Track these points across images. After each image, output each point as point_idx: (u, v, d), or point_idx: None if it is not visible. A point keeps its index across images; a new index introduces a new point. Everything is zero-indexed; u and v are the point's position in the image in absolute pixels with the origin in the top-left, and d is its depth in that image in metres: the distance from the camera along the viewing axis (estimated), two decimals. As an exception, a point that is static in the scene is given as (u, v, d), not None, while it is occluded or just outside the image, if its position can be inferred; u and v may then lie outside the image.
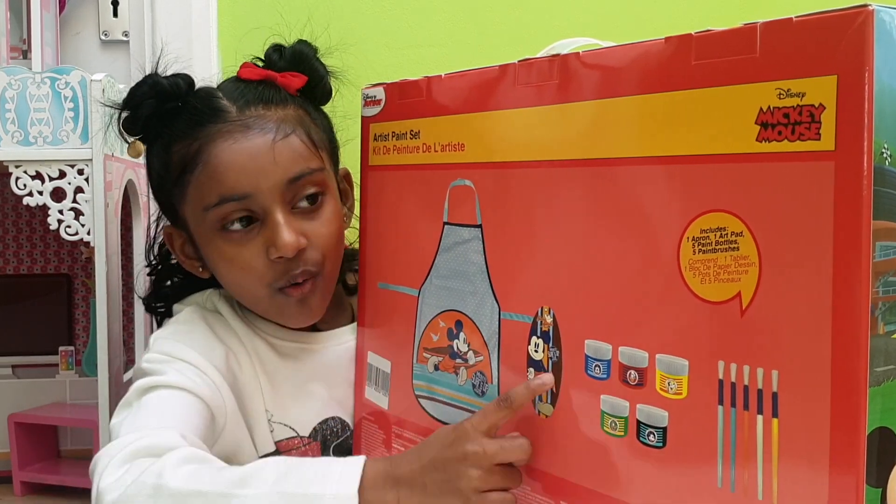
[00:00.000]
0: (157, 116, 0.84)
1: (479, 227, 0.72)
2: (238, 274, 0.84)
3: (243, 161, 0.80)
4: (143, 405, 0.78)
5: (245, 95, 0.84)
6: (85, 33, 1.41)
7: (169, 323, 0.90)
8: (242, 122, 0.82)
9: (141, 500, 0.67)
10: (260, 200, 0.81)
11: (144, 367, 0.83)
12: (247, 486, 0.66)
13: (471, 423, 0.67)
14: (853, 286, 0.48)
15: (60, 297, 1.42)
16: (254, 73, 0.86)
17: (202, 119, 0.82)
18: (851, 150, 0.48)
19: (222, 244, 0.83)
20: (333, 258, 0.86)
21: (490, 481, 0.65)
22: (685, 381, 0.57)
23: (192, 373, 0.82)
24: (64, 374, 1.38)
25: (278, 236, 0.80)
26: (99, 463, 0.72)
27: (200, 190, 0.82)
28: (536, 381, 0.66)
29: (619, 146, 0.61)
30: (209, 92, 0.85)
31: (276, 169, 0.81)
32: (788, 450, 0.52)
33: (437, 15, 1.36)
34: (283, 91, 0.86)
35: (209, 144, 0.81)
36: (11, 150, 1.08)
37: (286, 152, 0.81)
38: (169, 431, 0.74)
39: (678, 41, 0.57)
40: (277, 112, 0.83)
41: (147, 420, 0.76)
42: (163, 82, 0.83)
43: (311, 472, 0.68)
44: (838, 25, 0.48)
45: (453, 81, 0.75)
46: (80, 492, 1.22)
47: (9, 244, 1.42)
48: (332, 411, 0.90)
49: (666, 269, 0.57)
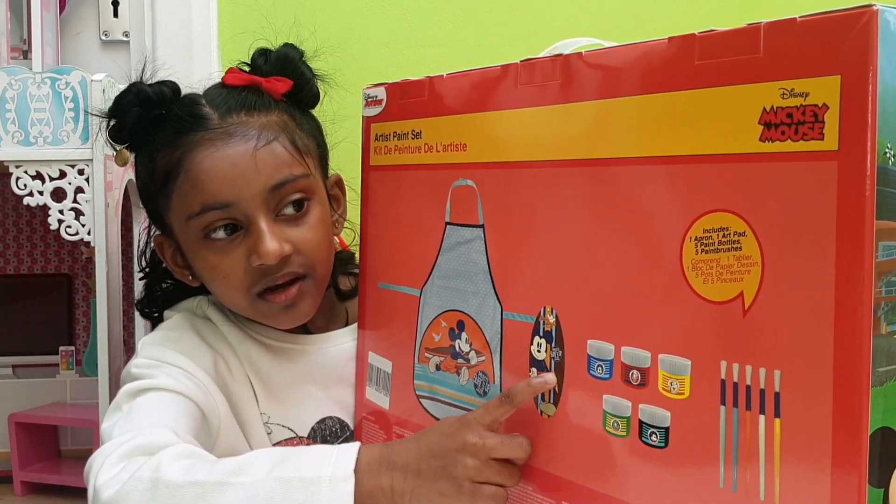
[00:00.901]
0: (142, 125, 0.84)
1: (481, 227, 0.72)
2: (221, 282, 0.83)
3: (224, 169, 0.80)
4: (134, 407, 0.78)
5: (227, 102, 0.83)
6: (85, 33, 1.41)
7: (158, 329, 0.90)
8: (224, 129, 0.81)
9: (138, 495, 0.67)
10: (242, 208, 0.80)
11: (133, 371, 0.83)
12: (242, 474, 0.67)
13: (473, 416, 0.67)
14: (856, 286, 0.48)
15: (61, 297, 1.42)
16: (238, 78, 0.86)
17: (184, 127, 0.81)
18: (855, 150, 0.48)
19: (206, 253, 0.82)
20: (323, 261, 0.85)
21: (485, 474, 0.65)
22: (688, 381, 0.57)
23: (181, 376, 0.82)
24: (64, 374, 1.38)
25: (261, 244, 0.80)
26: (94, 464, 0.72)
27: (183, 199, 0.82)
28: (538, 378, 0.65)
29: (622, 146, 0.61)
30: (193, 99, 0.84)
31: (258, 176, 0.80)
32: (790, 450, 0.52)
33: (437, 15, 1.36)
34: (267, 96, 0.85)
35: (191, 153, 0.81)
36: (12, 150, 1.08)
37: (268, 159, 0.81)
38: (162, 430, 0.74)
39: (681, 41, 0.57)
40: (260, 118, 0.83)
41: (139, 421, 0.76)
42: (147, 90, 0.83)
43: (306, 457, 0.68)
44: (842, 25, 0.48)
45: (455, 81, 0.75)
46: (81, 492, 1.21)
47: (9, 244, 1.42)
48: (330, 411, 0.90)
49: (668, 268, 0.57)
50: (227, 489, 0.66)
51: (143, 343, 0.87)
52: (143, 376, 0.81)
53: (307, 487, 0.66)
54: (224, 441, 0.84)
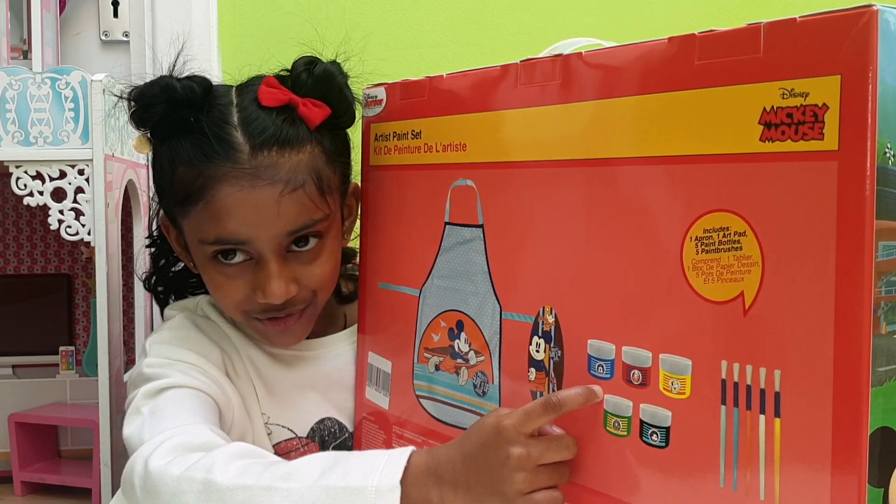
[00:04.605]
0: (166, 122, 0.80)
1: (480, 227, 0.72)
2: (222, 299, 0.84)
3: (246, 211, 0.77)
4: (157, 408, 0.77)
5: (262, 132, 0.78)
6: (85, 33, 1.41)
7: (163, 328, 0.90)
8: (252, 170, 0.77)
9: (192, 496, 0.67)
10: (257, 246, 0.79)
11: (146, 371, 0.82)
12: (291, 480, 0.66)
13: (512, 423, 0.63)
14: (856, 286, 0.48)
15: (61, 297, 1.42)
16: (274, 98, 0.79)
17: (211, 153, 0.77)
18: (855, 150, 0.48)
19: (213, 273, 0.82)
20: (326, 290, 0.85)
21: (536, 482, 0.63)
22: (688, 381, 0.57)
23: (195, 372, 0.82)
24: (64, 374, 1.38)
25: (268, 285, 0.79)
26: (135, 467, 0.71)
27: (200, 224, 0.80)
28: (589, 388, 0.62)
29: (622, 146, 0.61)
30: (223, 116, 0.79)
31: (277, 222, 0.78)
32: (791, 450, 0.52)
33: (437, 15, 1.36)
34: (301, 127, 0.80)
35: (214, 185, 0.77)
36: (12, 150, 1.08)
37: (292, 207, 0.78)
38: (198, 426, 0.74)
39: (681, 41, 0.57)
40: (291, 158, 0.78)
41: (168, 421, 0.75)
42: (176, 87, 0.78)
43: (354, 464, 0.67)
44: (842, 25, 0.48)
45: (455, 81, 0.75)
46: (81, 492, 1.22)
47: (9, 244, 1.42)
48: (328, 413, 0.90)
49: (669, 268, 0.57)
50: (274, 495, 0.65)
51: (151, 343, 0.87)
52: (157, 376, 0.81)
53: (352, 498, 0.64)
54: (235, 434, 0.84)
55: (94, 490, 1.18)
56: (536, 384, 0.68)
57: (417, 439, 0.79)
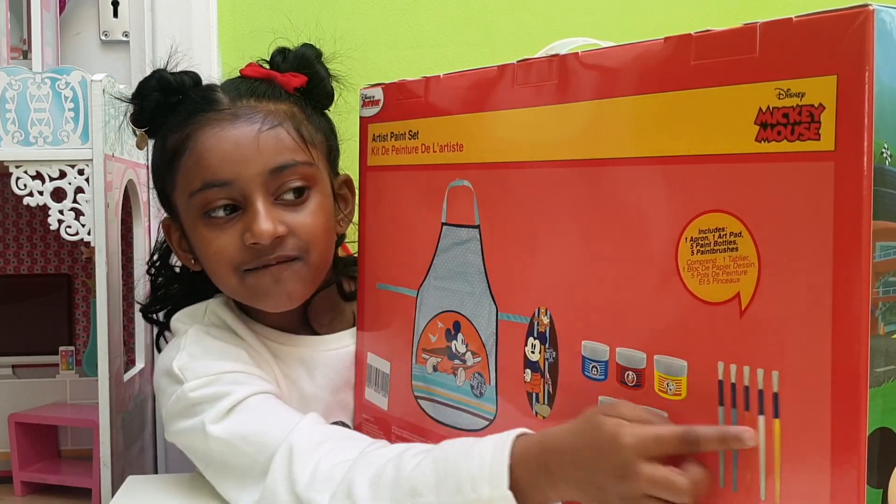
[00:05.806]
0: (160, 110, 0.86)
1: (476, 228, 0.72)
2: (213, 259, 0.84)
3: (227, 148, 0.82)
4: (241, 424, 0.78)
5: (239, 88, 0.86)
6: (85, 33, 1.41)
7: (180, 346, 0.86)
8: (232, 111, 0.83)
9: None
10: (241, 187, 0.81)
11: (193, 396, 0.80)
12: (417, 496, 0.66)
13: (636, 443, 0.56)
14: (853, 286, 0.48)
15: (60, 297, 1.42)
16: (256, 71, 0.88)
17: (195, 108, 0.84)
18: (851, 150, 0.48)
19: (203, 230, 0.84)
20: (319, 246, 0.85)
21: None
22: (684, 382, 0.57)
23: (244, 377, 0.82)
24: (64, 374, 1.38)
25: (255, 223, 0.81)
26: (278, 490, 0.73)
27: (187, 176, 0.83)
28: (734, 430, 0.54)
29: (618, 146, 0.61)
30: (208, 86, 0.87)
31: (259, 157, 0.82)
32: (790, 450, 0.52)
33: (437, 15, 1.36)
34: (280, 88, 0.87)
35: (198, 131, 0.83)
36: (11, 150, 1.08)
37: (271, 142, 0.82)
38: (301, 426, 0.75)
39: (677, 41, 0.57)
40: (269, 105, 0.85)
41: (265, 435, 0.76)
42: (168, 77, 0.86)
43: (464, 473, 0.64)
44: (838, 25, 0.48)
45: (452, 82, 0.75)
46: (81, 492, 1.22)
47: (9, 244, 1.42)
48: (336, 416, 0.90)
49: (664, 269, 0.57)
50: None
51: (179, 366, 0.83)
52: (212, 397, 0.80)
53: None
54: None
55: (94, 490, 1.18)
56: (532, 385, 0.67)
57: (416, 440, 0.78)
